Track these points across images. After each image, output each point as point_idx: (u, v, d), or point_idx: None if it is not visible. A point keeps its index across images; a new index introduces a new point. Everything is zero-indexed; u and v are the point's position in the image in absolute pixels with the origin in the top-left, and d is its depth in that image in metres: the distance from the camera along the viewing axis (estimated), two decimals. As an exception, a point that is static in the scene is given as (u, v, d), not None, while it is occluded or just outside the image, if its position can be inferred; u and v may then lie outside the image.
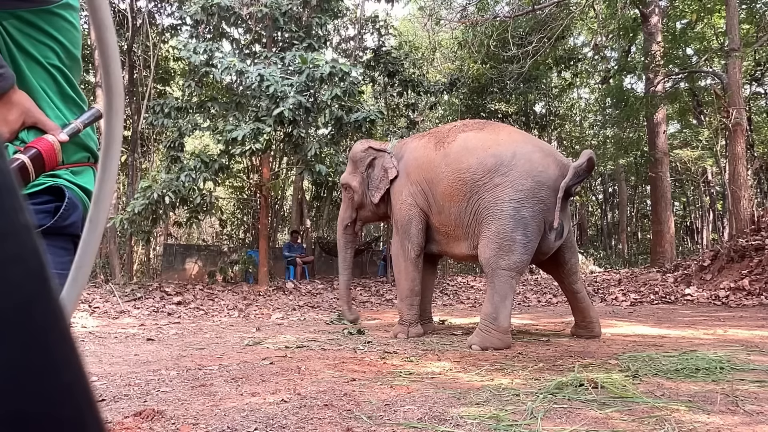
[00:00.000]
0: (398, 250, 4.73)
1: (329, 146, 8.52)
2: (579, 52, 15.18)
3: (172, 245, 11.31)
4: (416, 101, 12.10)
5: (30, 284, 0.23)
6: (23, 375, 0.21)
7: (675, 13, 13.40)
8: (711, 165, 14.90)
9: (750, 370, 2.83)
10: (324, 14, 8.91)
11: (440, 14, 13.49)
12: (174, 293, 7.61)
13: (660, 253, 11.71)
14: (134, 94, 11.04)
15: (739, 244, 8.18)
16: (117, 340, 4.45)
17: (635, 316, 6.16)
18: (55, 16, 1.00)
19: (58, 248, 0.98)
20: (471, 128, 4.52)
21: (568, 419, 2.04)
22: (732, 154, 9.25)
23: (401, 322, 4.71)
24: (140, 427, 1.98)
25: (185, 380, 2.82)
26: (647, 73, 12.14)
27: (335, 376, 2.88)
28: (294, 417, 2.09)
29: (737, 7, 9.71)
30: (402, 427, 1.97)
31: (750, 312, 6.16)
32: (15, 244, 0.22)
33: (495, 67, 12.64)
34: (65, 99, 1.05)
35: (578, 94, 18.80)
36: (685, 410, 2.11)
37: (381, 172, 4.91)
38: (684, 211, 20.59)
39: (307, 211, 12.84)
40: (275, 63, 7.82)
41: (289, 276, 10.19)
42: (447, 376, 2.95)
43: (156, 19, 11.26)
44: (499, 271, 4.01)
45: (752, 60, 13.07)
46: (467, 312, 7.11)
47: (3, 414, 0.21)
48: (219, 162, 7.62)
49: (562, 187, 4.00)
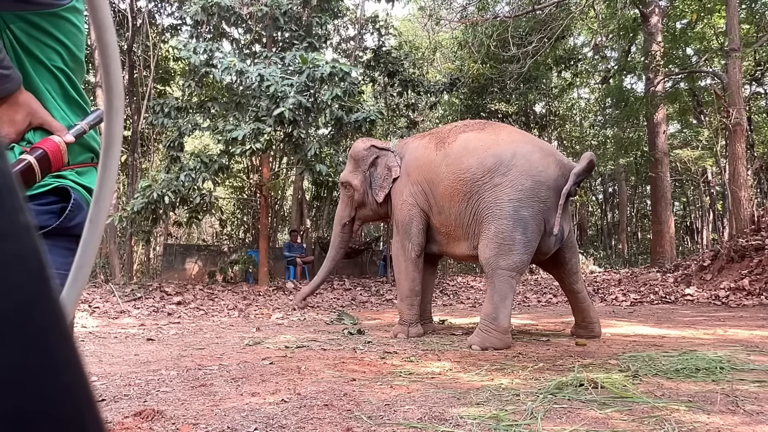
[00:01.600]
0: (398, 250, 4.72)
1: (329, 146, 8.52)
2: (579, 52, 15.18)
3: (172, 245, 11.31)
4: (416, 101, 12.11)
5: (30, 284, 0.23)
6: (23, 375, 0.21)
7: (675, 13, 13.40)
8: (711, 165, 14.90)
9: (750, 370, 2.83)
10: (324, 14, 8.92)
11: (440, 14, 13.48)
12: (174, 293, 7.61)
13: (660, 253, 11.71)
14: (134, 94, 11.04)
15: (739, 244, 8.18)
16: (117, 340, 4.45)
17: (635, 316, 6.16)
18: (61, 19, 1.00)
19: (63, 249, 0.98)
20: (471, 128, 4.52)
21: (568, 419, 2.04)
22: (732, 154, 9.24)
23: (401, 322, 4.71)
24: (140, 427, 1.98)
25: (185, 380, 2.82)
26: (647, 73, 12.14)
27: (335, 376, 2.88)
28: (294, 417, 2.09)
29: (737, 7, 9.71)
30: (402, 427, 1.97)
31: (750, 312, 6.16)
32: (15, 245, 0.22)
33: (495, 67, 12.63)
34: (69, 101, 1.06)
35: (578, 94, 18.80)
36: (685, 410, 2.11)
37: (385, 171, 4.89)
38: (684, 211, 20.60)
39: (307, 211, 12.84)
40: (275, 63, 7.82)
41: (289, 276, 10.19)
42: (447, 376, 2.95)
43: (156, 19, 11.27)
44: (499, 271, 4.01)
45: (752, 60, 13.07)
46: (467, 312, 7.11)
47: (3, 414, 0.21)
48: (219, 162, 7.62)
49: (564, 194, 4.01)
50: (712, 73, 11.41)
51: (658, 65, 11.64)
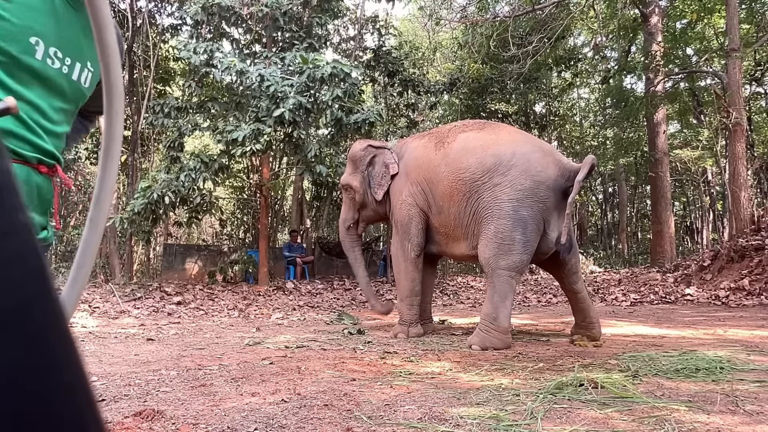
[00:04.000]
0: (398, 250, 4.73)
1: (329, 147, 8.52)
2: (579, 52, 15.19)
3: (172, 245, 11.32)
4: (416, 101, 12.11)
5: (31, 284, 0.23)
6: (24, 375, 0.21)
7: (675, 13, 13.41)
8: (711, 165, 14.90)
9: (750, 370, 2.83)
10: (324, 14, 8.92)
11: (440, 14, 13.49)
12: (174, 293, 7.61)
13: (660, 253, 11.71)
14: (134, 94, 11.04)
15: (739, 244, 8.18)
16: (117, 340, 4.45)
17: (635, 316, 6.16)
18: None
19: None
20: (471, 128, 4.52)
21: (568, 419, 2.04)
22: (732, 154, 9.25)
23: (401, 322, 4.71)
24: (140, 427, 1.98)
25: (185, 380, 2.82)
26: (647, 73, 12.14)
27: (335, 376, 2.88)
28: (294, 417, 2.09)
29: (737, 7, 9.71)
30: (402, 427, 1.97)
31: (750, 312, 6.16)
32: (16, 244, 0.22)
33: (495, 67, 12.64)
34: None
35: (578, 94, 18.81)
36: (685, 410, 2.11)
37: (382, 169, 4.90)
38: (684, 211, 20.60)
39: (307, 211, 12.84)
40: (275, 63, 7.82)
41: (289, 276, 10.19)
42: (447, 376, 2.95)
43: (156, 19, 11.26)
44: (499, 271, 4.01)
45: (752, 60, 13.07)
46: (467, 312, 7.11)
47: (4, 413, 0.21)
48: (219, 162, 7.62)
49: (570, 203, 4.02)
50: (712, 73, 11.41)
51: (658, 65, 11.64)
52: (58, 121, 1.10)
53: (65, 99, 1.11)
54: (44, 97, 1.06)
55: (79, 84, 1.13)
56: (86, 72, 1.13)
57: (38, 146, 1.05)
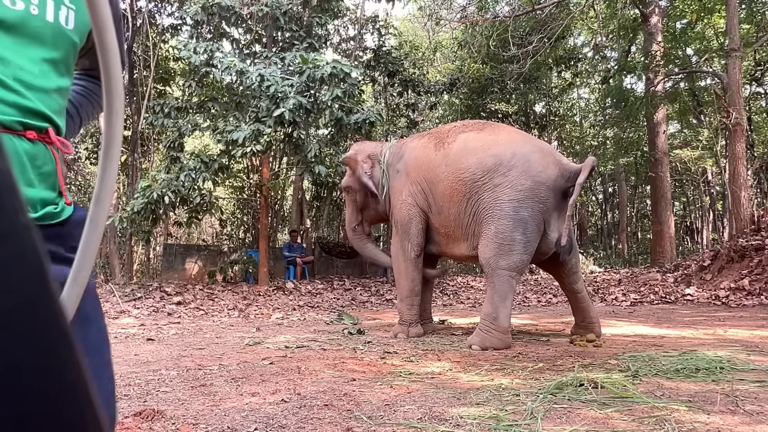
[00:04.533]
0: (398, 250, 4.73)
1: (329, 147, 8.52)
2: (579, 52, 15.18)
3: (172, 245, 11.31)
4: (416, 101, 12.11)
5: (31, 284, 0.23)
6: (25, 375, 0.21)
7: (675, 13, 13.40)
8: (711, 165, 14.91)
9: (750, 370, 2.83)
10: (324, 14, 8.92)
11: (440, 14, 13.50)
12: (174, 293, 7.61)
13: (660, 253, 11.71)
14: (134, 94, 11.03)
15: (739, 244, 8.18)
16: (117, 340, 4.45)
17: (635, 316, 6.16)
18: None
19: None
20: (471, 129, 4.52)
21: (568, 419, 2.04)
22: (732, 154, 9.25)
23: (401, 322, 4.71)
24: (140, 427, 1.98)
25: (185, 380, 2.82)
26: (647, 73, 12.14)
27: (335, 376, 2.88)
28: (294, 417, 2.09)
29: (737, 7, 9.71)
30: (402, 427, 1.97)
31: (750, 312, 6.16)
32: (17, 244, 0.22)
33: (495, 67, 12.64)
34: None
35: (578, 94, 18.80)
36: (685, 410, 2.11)
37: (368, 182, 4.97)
38: (684, 211, 20.60)
39: (307, 211, 12.84)
40: (275, 63, 7.82)
41: (289, 276, 10.19)
42: (447, 376, 2.95)
43: (156, 19, 11.26)
44: (499, 271, 4.01)
45: (752, 60, 13.07)
46: (467, 312, 7.11)
47: (6, 413, 0.21)
48: (219, 162, 7.62)
49: (571, 205, 4.04)
50: (712, 73, 11.41)
51: (658, 65, 11.64)
52: (41, 72, 0.90)
53: (45, 46, 0.91)
54: (13, 46, 0.87)
55: (58, 25, 0.92)
56: (64, 9, 0.93)
57: (18, 105, 0.86)
